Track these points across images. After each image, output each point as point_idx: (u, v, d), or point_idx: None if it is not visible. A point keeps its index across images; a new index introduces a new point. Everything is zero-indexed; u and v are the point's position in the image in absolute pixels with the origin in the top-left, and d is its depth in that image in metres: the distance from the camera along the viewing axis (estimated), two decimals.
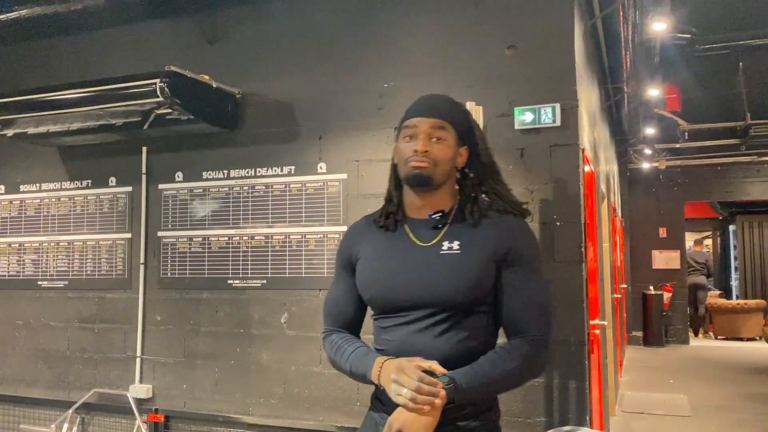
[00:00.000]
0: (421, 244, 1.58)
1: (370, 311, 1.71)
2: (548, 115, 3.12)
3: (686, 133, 9.35)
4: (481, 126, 2.76)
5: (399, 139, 1.64)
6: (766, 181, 10.59)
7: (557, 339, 3.06)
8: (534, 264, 1.58)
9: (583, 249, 3.08)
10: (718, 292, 13.13)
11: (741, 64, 7.79)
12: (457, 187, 1.66)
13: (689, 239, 12.43)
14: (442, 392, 1.38)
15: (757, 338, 10.53)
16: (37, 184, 4.25)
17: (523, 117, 3.16)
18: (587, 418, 3.02)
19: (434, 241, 1.57)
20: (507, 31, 3.26)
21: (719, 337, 11.08)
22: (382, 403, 1.58)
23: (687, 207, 11.12)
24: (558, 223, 3.10)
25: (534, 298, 1.55)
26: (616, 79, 5.68)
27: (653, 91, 6.11)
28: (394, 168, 1.68)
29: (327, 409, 3.44)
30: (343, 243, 1.75)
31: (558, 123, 3.11)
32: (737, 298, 13.75)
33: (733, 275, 15.22)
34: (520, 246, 1.57)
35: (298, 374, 3.50)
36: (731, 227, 15.03)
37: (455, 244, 1.54)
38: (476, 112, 2.71)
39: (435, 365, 1.43)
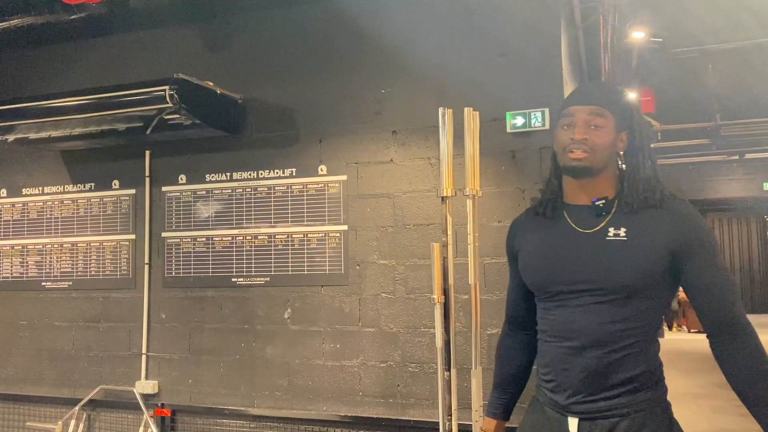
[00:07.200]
0: (583, 230, 1.61)
1: None
2: (538, 119, 3.33)
3: (659, 134, 9.70)
4: (477, 130, 2.94)
5: (558, 127, 1.66)
6: (735, 179, 11.00)
7: None
8: (716, 250, 1.59)
9: None
10: None
11: (710, 66, 8.12)
12: (617, 173, 1.65)
13: None
14: None
15: None
16: (40, 188, 4.34)
17: (515, 121, 3.37)
18: None
19: (598, 228, 1.59)
20: (498, 39, 3.46)
21: (692, 330, 11.46)
22: (559, 405, 1.63)
23: None
24: None
25: (726, 286, 1.56)
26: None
27: (631, 95, 6.38)
28: (554, 156, 1.71)
29: (330, 399, 3.60)
30: (507, 238, 1.83)
31: (547, 126, 3.32)
32: None
33: None
34: (699, 234, 1.57)
35: (302, 367, 3.66)
36: None
37: (621, 231, 1.56)
38: (473, 118, 2.89)
39: None
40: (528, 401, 1.84)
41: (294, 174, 3.76)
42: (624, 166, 1.64)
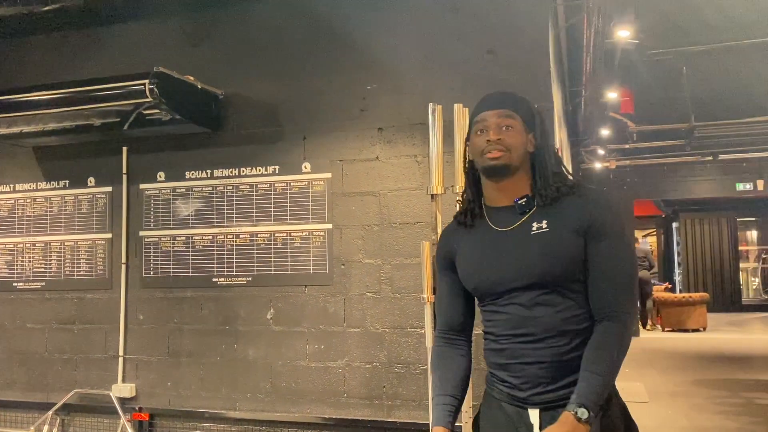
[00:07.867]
0: (509, 230, 1.67)
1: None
2: None
3: (635, 135, 9.79)
4: (466, 129, 2.90)
5: (471, 135, 1.73)
6: (708, 180, 11.16)
7: None
8: (617, 235, 1.64)
9: None
10: (663, 285, 13.69)
11: (684, 68, 8.23)
12: (531, 172, 1.72)
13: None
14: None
15: (701, 329, 11.08)
16: (11, 185, 4.20)
17: None
18: None
19: (523, 225, 1.66)
20: (486, 36, 3.42)
21: (666, 328, 11.59)
22: (518, 398, 1.65)
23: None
24: None
25: (618, 272, 1.62)
26: (575, 83, 5.95)
27: (612, 94, 6.42)
28: (470, 165, 1.76)
29: (314, 401, 3.53)
30: (438, 245, 1.86)
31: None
32: (680, 291, 14.41)
33: (677, 270, 15.95)
34: (606, 218, 1.63)
35: (285, 368, 3.59)
36: (674, 224, 15.74)
37: (543, 224, 1.64)
38: (463, 114, 2.85)
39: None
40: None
41: (277, 171, 3.68)
42: (533, 164, 1.73)
